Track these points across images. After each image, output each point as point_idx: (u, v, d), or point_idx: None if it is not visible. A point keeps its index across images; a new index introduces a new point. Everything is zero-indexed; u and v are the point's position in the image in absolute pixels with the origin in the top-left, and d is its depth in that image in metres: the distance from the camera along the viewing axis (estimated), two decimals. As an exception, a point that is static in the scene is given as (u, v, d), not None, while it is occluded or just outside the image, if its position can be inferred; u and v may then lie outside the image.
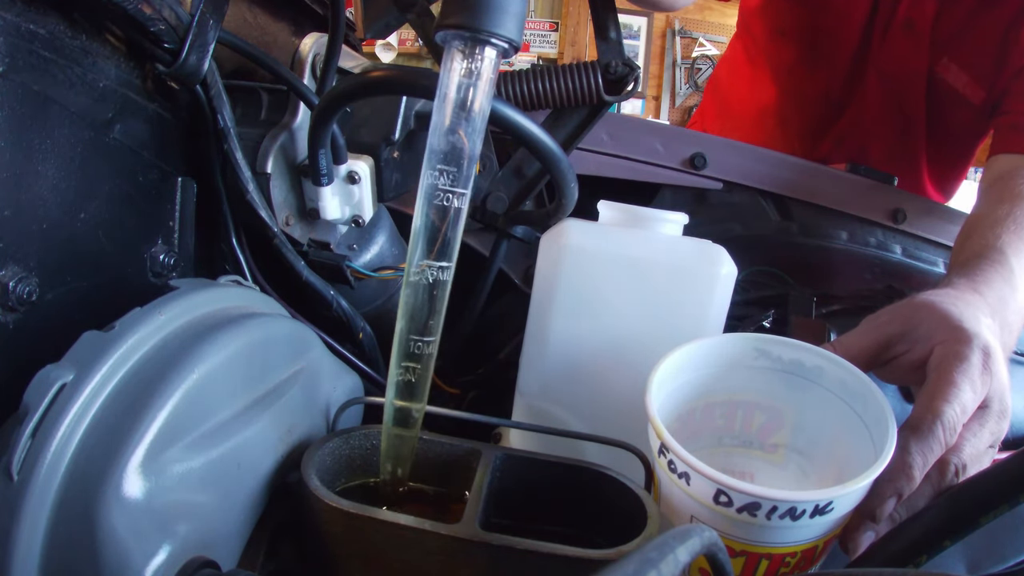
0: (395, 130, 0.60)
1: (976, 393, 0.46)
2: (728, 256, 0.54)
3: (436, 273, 0.39)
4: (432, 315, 0.40)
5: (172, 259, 0.54)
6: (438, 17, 0.37)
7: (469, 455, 0.46)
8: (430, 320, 0.40)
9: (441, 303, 0.40)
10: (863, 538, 0.43)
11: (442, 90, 0.37)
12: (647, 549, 0.23)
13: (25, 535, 0.33)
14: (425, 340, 0.40)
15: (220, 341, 0.40)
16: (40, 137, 0.43)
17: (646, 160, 0.80)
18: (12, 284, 0.41)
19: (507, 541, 0.38)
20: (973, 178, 1.92)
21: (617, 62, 0.62)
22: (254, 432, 0.42)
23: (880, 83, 1.03)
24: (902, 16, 0.97)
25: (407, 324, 0.40)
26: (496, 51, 0.37)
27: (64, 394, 0.35)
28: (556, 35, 4.42)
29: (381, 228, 0.68)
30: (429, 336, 0.40)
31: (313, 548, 0.42)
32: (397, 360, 0.41)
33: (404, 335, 0.40)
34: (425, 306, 0.39)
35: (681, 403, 0.50)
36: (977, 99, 0.96)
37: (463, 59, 0.37)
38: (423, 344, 0.40)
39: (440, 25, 0.37)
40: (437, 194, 0.37)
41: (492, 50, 0.37)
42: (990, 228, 0.67)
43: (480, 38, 0.36)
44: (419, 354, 0.41)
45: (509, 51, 0.37)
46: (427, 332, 0.40)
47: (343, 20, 0.57)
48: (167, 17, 0.47)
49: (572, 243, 0.54)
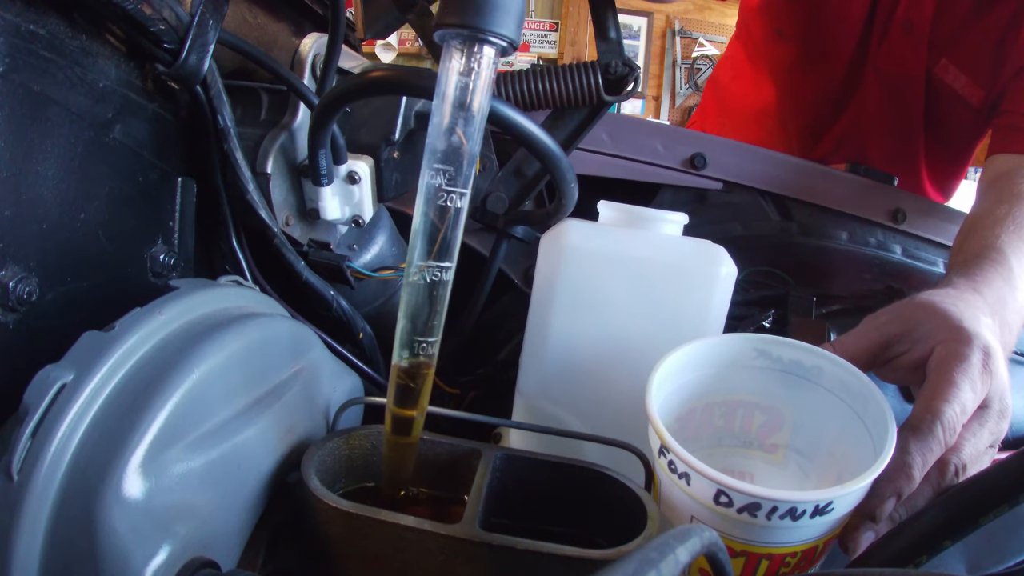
0: (395, 130, 0.60)
1: (976, 393, 0.46)
2: (728, 256, 0.54)
3: (437, 273, 0.39)
4: (433, 315, 0.40)
5: (172, 259, 0.54)
6: (437, 16, 0.37)
7: (469, 455, 0.46)
8: (431, 321, 0.40)
9: (442, 303, 0.40)
10: (863, 538, 0.43)
11: (441, 89, 0.37)
12: (647, 549, 0.23)
13: (25, 535, 0.33)
14: (428, 341, 0.40)
15: (220, 341, 0.40)
16: (40, 137, 0.43)
17: (646, 160, 0.80)
18: (12, 284, 0.41)
19: (507, 541, 0.38)
20: (972, 178, 1.92)
21: (617, 62, 0.62)
22: (254, 432, 0.42)
23: (879, 84, 1.03)
24: (901, 17, 0.97)
25: (409, 324, 0.40)
26: (495, 50, 0.37)
27: (64, 394, 0.35)
28: (556, 35, 4.42)
29: (381, 228, 0.68)
30: (431, 337, 0.40)
31: (313, 548, 0.42)
32: (399, 360, 0.41)
33: (407, 335, 0.40)
34: (426, 306, 0.39)
35: (681, 403, 0.50)
36: (976, 100, 0.96)
37: (462, 58, 0.37)
38: (426, 345, 0.40)
39: (439, 24, 0.37)
40: (439, 195, 0.37)
41: (491, 49, 0.37)
42: (990, 228, 0.67)
43: (479, 37, 0.36)
44: (421, 355, 0.40)
45: (508, 50, 0.37)
46: (428, 333, 0.40)
47: (343, 20, 0.57)
48: (167, 17, 0.47)
49: (572, 243, 0.54)
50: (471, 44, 0.36)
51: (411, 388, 0.41)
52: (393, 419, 0.42)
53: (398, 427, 0.42)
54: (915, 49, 0.97)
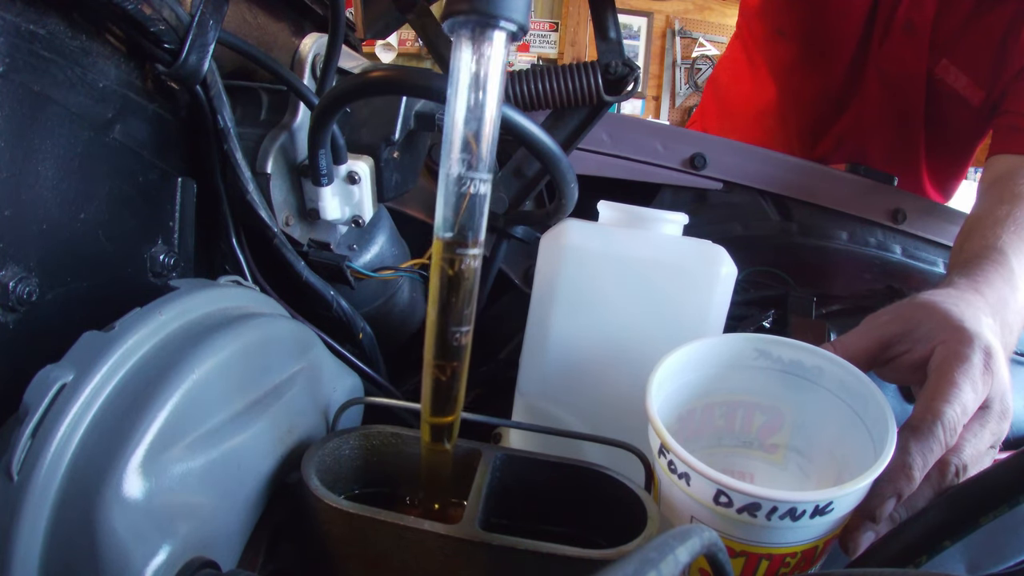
0: (395, 130, 0.60)
1: (977, 393, 0.46)
2: (728, 256, 0.54)
3: (467, 260, 0.38)
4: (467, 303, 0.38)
5: (172, 259, 0.54)
6: (445, 5, 0.36)
7: (469, 455, 0.46)
8: (465, 309, 0.38)
9: (474, 291, 0.38)
10: (863, 538, 0.43)
11: (455, 77, 0.37)
12: (647, 549, 0.23)
13: (25, 535, 0.33)
14: (463, 330, 0.39)
15: (220, 341, 0.40)
16: (40, 137, 0.43)
17: (646, 160, 0.80)
18: (12, 284, 0.41)
19: (507, 541, 0.38)
20: (973, 178, 1.92)
21: (617, 62, 0.62)
22: (254, 432, 0.42)
23: (880, 84, 1.03)
24: (902, 17, 0.97)
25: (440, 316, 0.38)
26: (505, 34, 0.37)
27: (64, 394, 0.35)
28: (556, 35, 4.42)
29: (381, 228, 0.68)
30: (465, 326, 0.39)
31: (313, 548, 0.42)
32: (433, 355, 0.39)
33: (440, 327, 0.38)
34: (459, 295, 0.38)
35: (681, 403, 0.50)
36: (976, 100, 0.96)
37: (473, 44, 0.36)
38: (461, 335, 0.39)
39: (448, 12, 0.36)
40: (462, 182, 0.37)
41: (501, 34, 0.36)
42: (990, 228, 0.67)
43: (490, 22, 0.36)
44: (457, 346, 0.39)
45: (518, 34, 0.37)
46: (463, 321, 0.39)
47: (343, 20, 0.57)
48: (167, 17, 0.47)
49: (572, 243, 0.54)
50: (482, 30, 0.36)
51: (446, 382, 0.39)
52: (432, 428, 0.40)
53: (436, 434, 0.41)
54: (916, 49, 0.97)
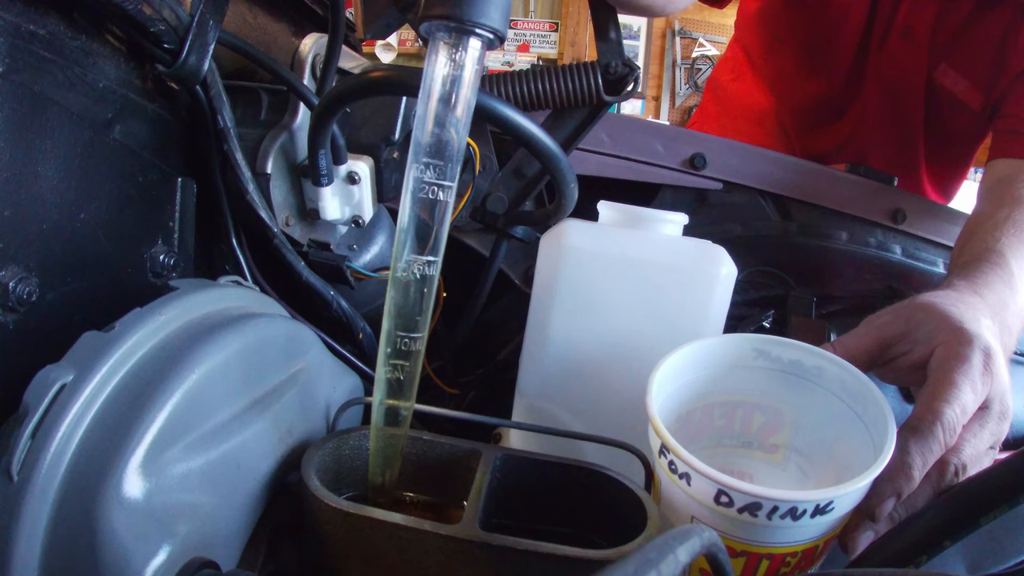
0: (395, 130, 0.60)
1: (977, 394, 0.46)
2: (728, 256, 0.54)
3: (423, 268, 0.38)
4: (420, 311, 0.39)
5: (172, 259, 0.54)
6: (422, 8, 0.36)
7: (469, 455, 0.46)
8: (418, 316, 0.39)
9: (429, 299, 0.39)
10: (863, 538, 0.43)
11: (427, 82, 0.37)
12: (647, 549, 0.23)
13: (25, 535, 0.33)
14: (413, 337, 0.40)
15: (220, 342, 0.40)
16: (40, 137, 0.43)
17: (646, 160, 0.80)
18: (12, 284, 0.41)
19: (507, 541, 0.38)
20: (973, 178, 1.92)
21: (617, 62, 0.62)
22: (254, 432, 0.42)
23: (879, 90, 1.03)
24: (900, 23, 0.97)
25: (394, 321, 0.39)
26: (481, 42, 0.37)
27: (64, 394, 0.35)
28: (556, 35, 4.42)
29: (381, 228, 0.68)
30: (417, 332, 0.40)
31: (313, 548, 0.42)
32: (384, 358, 0.40)
33: (391, 332, 0.39)
34: (413, 302, 0.39)
35: (681, 404, 0.50)
36: (976, 104, 0.96)
37: (448, 50, 0.36)
38: (410, 340, 0.40)
39: (424, 16, 0.36)
40: (422, 187, 0.37)
41: (477, 41, 0.36)
42: (990, 231, 0.67)
43: (465, 28, 0.36)
44: (407, 351, 0.40)
45: (494, 42, 0.37)
46: (415, 328, 0.39)
47: (343, 20, 0.57)
48: (167, 17, 0.47)
49: (572, 243, 0.54)
50: (458, 36, 0.36)
51: (399, 381, 0.41)
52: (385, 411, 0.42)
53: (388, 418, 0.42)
54: (915, 55, 0.97)
